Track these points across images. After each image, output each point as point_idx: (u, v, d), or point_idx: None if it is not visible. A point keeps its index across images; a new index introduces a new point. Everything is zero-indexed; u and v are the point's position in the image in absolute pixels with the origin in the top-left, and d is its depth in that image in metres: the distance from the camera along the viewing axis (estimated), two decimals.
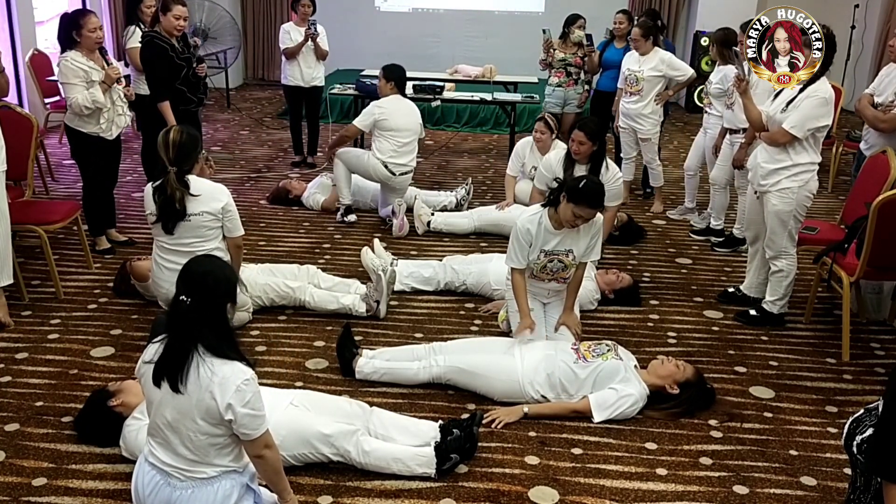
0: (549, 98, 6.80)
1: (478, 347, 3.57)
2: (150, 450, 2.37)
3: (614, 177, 4.49)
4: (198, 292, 2.25)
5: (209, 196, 3.66)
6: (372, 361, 3.53)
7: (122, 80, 4.77)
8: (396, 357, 3.56)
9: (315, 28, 6.84)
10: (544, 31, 6.76)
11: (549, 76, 6.82)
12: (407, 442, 2.99)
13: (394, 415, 3.13)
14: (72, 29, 4.54)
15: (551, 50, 6.68)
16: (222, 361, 2.23)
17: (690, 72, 5.96)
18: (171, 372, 2.23)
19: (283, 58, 7.01)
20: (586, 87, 6.80)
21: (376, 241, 4.64)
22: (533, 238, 3.62)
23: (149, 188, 3.70)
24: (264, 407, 2.29)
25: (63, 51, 4.61)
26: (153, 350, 2.31)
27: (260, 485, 2.49)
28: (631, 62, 5.94)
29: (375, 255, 4.40)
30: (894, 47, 5.05)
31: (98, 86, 4.57)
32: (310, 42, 6.88)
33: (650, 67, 5.83)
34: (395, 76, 5.60)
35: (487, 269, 4.47)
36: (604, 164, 4.47)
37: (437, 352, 3.53)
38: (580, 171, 4.40)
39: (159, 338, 2.31)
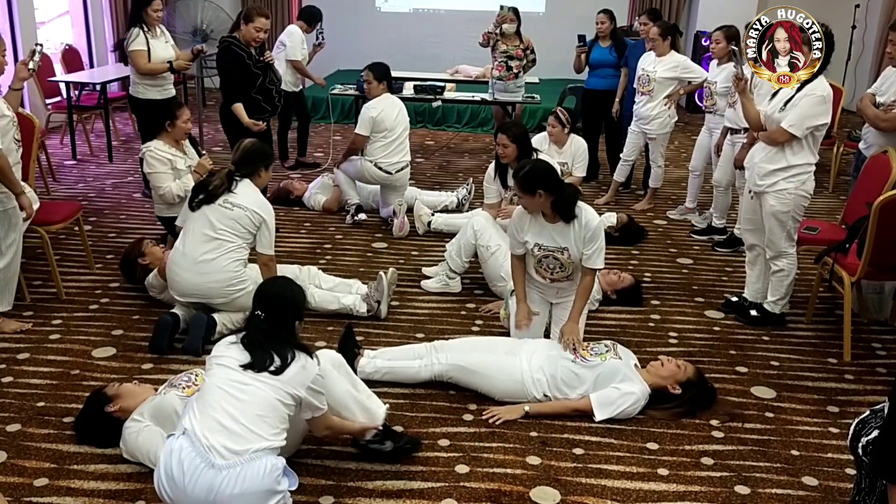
0: (492, 89, 7.16)
1: (480, 346, 3.57)
2: (201, 428, 2.40)
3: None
4: (270, 310, 2.61)
5: (255, 202, 3.79)
6: (373, 361, 3.54)
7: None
8: (398, 356, 3.57)
9: (322, 37, 6.91)
10: (502, 8, 6.90)
11: (493, 67, 7.13)
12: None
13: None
14: (166, 119, 4.52)
15: (498, 32, 6.85)
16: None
17: (706, 74, 5.94)
18: (266, 361, 2.51)
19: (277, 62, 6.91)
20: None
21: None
22: (527, 224, 3.61)
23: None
24: None
25: (144, 140, 4.54)
26: (236, 350, 2.57)
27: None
28: (646, 63, 5.94)
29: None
30: (893, 53, 5.01)
31: (190, 174, 4.55)
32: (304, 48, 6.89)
33: (665, 69, 5.83)
34: (386, 76, 5.62)
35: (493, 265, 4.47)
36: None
37: (439, 350, 3.53)
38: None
39: (229, 342, 2.61)
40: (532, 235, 3.61)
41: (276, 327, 2.58)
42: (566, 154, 5.48)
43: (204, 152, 4.79)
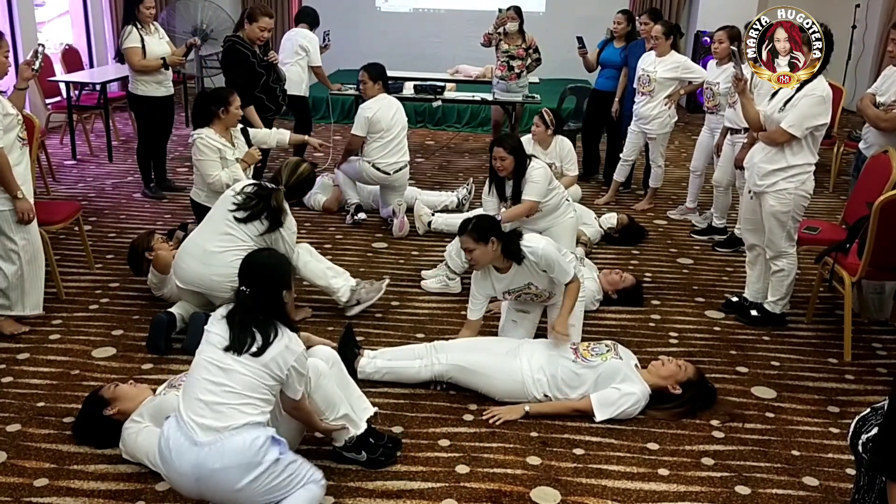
0: (494, 88, 7.14)
1: (480, 346, 3.57)
2: (185, 408, 2.47)
3: (533, 169, 4.36)
4: (255, 283, 2.58)
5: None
6: (374, 361, 3.54)
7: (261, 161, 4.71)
8: (398, 356, 3.57)
9: (329, 38, 6.90)
10: (500, 10, 6.93)
11: (495, 66, 7.15)
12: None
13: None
14: (219, 106, 4.38)
15: (500, 31, 6.85)
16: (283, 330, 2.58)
17: (706, 75, 5.93)
18: (248, 342, 2.50)
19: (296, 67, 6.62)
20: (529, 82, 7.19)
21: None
22: (490, 285, 3.65)
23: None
24: None
25: (196, 127, 4.48)
26: (222, 326, 2.56)
27: None
28: (647, 63, 5.93)
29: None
30: (894, 52, 5.01)
31: (237, 164, 4.48)
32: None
33: (665, 69, 5.82)
34: (381, 76, 5.59)
35: None
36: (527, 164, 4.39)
37: (439, 350, 3.53)
38: (510, 188, 4.35)
39: (220, 316, 2.60)
40: (496, 287, 3.65)
41: (263, 301, 2.56)
42: (552, 155, 5.46)
43: (254, 144, 4.71)
